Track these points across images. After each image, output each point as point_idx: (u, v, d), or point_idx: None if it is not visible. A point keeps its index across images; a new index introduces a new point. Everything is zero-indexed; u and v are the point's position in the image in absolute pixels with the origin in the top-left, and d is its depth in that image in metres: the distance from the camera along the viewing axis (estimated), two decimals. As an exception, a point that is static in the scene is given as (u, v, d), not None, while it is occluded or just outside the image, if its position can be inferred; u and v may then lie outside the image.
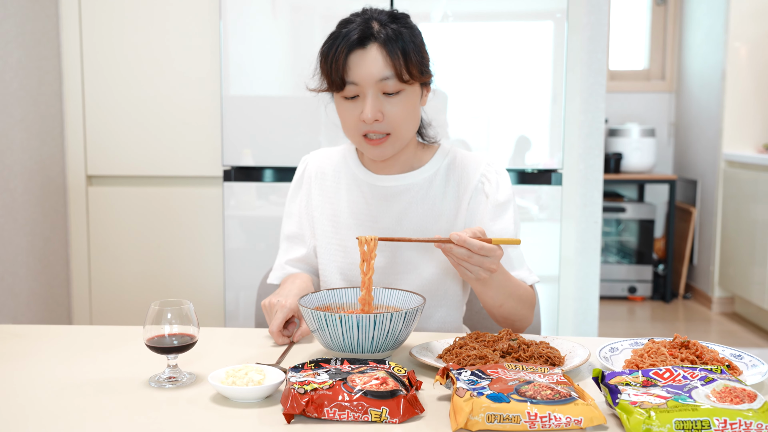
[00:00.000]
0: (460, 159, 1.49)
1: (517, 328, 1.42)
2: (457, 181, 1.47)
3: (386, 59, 1.31)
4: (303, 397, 0.95)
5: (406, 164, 1.47)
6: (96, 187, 2.76)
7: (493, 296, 1.33)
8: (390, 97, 1.34)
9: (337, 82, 1.33)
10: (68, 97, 2.71)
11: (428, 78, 1.39)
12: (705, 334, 4.06)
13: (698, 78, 4.88)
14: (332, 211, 1.51)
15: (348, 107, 1.36)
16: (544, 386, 0.95)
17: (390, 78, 1.32)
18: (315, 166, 1.55)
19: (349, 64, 1.32)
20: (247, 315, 2.60)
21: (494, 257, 1.21)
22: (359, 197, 1.49)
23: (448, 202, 1.46)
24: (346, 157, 1.53)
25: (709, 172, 4.68)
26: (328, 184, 1.52)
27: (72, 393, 1.08)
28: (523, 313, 1.40)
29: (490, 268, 1.22)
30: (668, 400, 0.90)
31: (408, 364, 1.21)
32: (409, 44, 1.33)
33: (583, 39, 2.66)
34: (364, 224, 1.47)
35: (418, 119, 1.41)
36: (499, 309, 1.36)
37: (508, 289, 1.35)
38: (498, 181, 1.46)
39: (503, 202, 1.45)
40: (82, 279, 2.78)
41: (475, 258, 1.20)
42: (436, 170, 1.47)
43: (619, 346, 1.23)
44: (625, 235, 5.14)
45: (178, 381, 1.12)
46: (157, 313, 1.12)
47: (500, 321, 1.41)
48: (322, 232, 1.51)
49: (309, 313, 1.17)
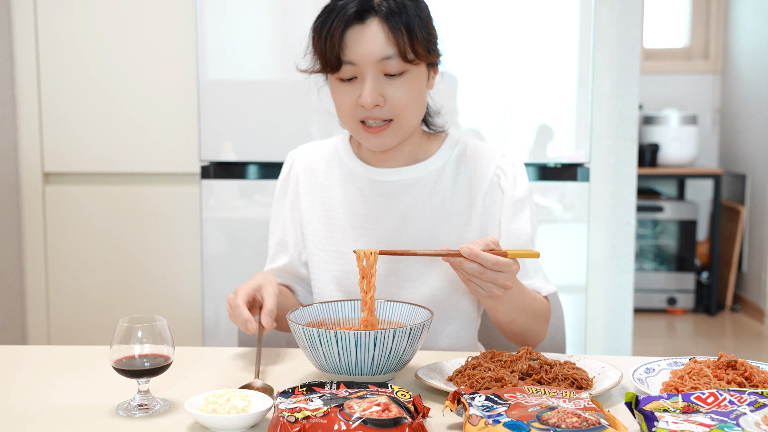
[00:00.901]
0: (471, 149, 1.50)
1: (528, 344, 1.43)
2: (469, 175, 1.47)
3: (388, 36, 1.32)
4: (293, 426, 0.96)
5: (410, 156, 1.48)
6: (54, 185, 2.77)
7: (504, 312, 1.34)
8: (392, 79, 1.34)
9: (333, 62, 1.33)
10: (21, 83, 2.72)
11: (436, 57, 1.40)
12: (756, 352, 4.06)
13: (747, 57, 4.88)
14: (325, 213, 1.51)
15: (344, 90, 1.36)
16: (569, 413, 0.96)
17: (392, 57, 1.32)
18: (303, 162, 1.55)
19: (346, 41, 1.32)
20: (229, 332, 2.60)
21: (509, 273, 1.22)
22: (356, 195, 1.49)
23: (460, 199, 1.46)
24: (338, 150, 1.54)
25: (760, 165, 4.68)
26: (319, 181, 1.53)
27: (27, 424, 1.09)
28: (537, 329, 1.41)
29: (504, 284, 1.23)
30: (712, 429, 0.91)
31: (413, 388, 1.22)
32: (414, 18, 1.33)
33: (613, 13, 2.66)
34: (362, 226, 1.48)
35: (424, 104, 1.42)
36: (510, 325, 1.38)
37: (522, 303, 1.36)
38: (515, 174, 1.47)
39: (521, 199, 1.45)
40: (38, 291, 2.79)
41: (489, 274, 1.21)
42: (444, 162, 1.48)
43: (656, 367, 1.24)
44: (663, 239, 5.14)
45: (150, 409, 1.12)
46: (125, 331, 1.13)
47: (509, 337, 1.42)
48: (314, 238, 1.51)
49: (300, 330, 1.18)
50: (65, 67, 2.70)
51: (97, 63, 2.69)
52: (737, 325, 4.60)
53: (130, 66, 2.68)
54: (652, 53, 5.33)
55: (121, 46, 2.68)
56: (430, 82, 1.43)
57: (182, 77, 2.66)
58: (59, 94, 2.71)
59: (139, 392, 1.14)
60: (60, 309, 2.78)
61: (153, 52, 2.67)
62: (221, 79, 2.57)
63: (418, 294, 1.47)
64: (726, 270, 4.93)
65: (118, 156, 2.71)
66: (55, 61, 2.70)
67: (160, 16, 2.66)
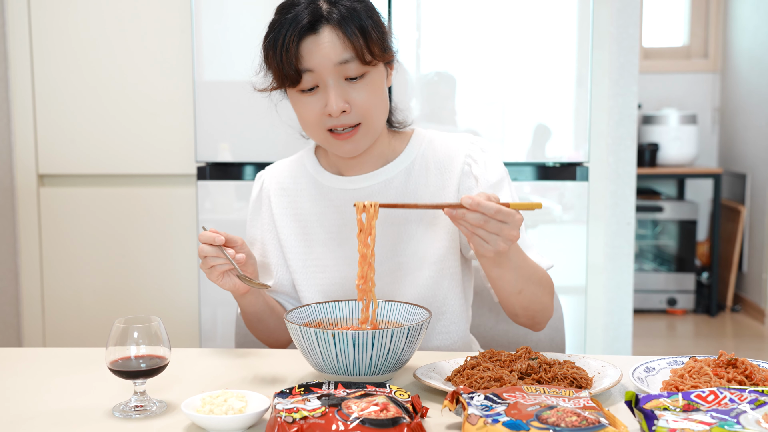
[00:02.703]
0: (439, 142, 1.51)
1: (538, 321, 1.43)
2: (440, 169, 1.48)
3: (344, 41, 1.33)
4: (291, 427, 0.96)
5: (380, 158, 1.49)
6: (49, 187, 2.77)
7: (511, 281, 1.33)
8: (354, 83, 1.36)
9: (291, 75, 1.34)
10: (15, 84, 2.72)
11: (392, 56, 1.42)
12: (757, 352, 4.06)
13: (747, 56, 4.89)
14: (301, 229, 1.52)
15: (307, 102, 1.37)
16: (569, 412, 0.96)
17: (351, 60, 1.34)
18: (273, 182, 1.56)
19: (302, 53, 1.33)
20: (226, 335, 2.60)
21: (513, 223, 1.20)
22: (328, 207, 1.50)
23: (432, 195, 1.47)
24: (305, 165, 1.55)
25: (760, 164, 4.69)
26: (291, 198, 1.53)
27: (23, 426, 1.09)
28: (544, 300, 1.41)
29: (509, 235, 1.21)
30: (713, 427, 0.91)
31: (412, 388, 1.22)
32: (366, 21, 1.35)
33: (612, 11, 2.67)
34: (339, 236, 1.49)
35: (387, 103, 1.43)
36: (519, 297, 1.36)
37: (527, 271, 1.35)
38: (485, 160, 1.47)
39: (496, 182, 1.46)
40: (34, 293, 2.78)
41: (492, 224, 1.19)
42: (413, 159, 1.49)
43: (656, 366, 1.24)
44: (662, 239, 5.15)
45: (146, 410, 1.12)
46: (121, 332, 1.13)
47: (520, 314, 1.41)
48: (294, 255, 1.52)
49: (297, 330, 1.18)
50: (60, 68, 2.70)
51: (92, 64, 2.69)
52: (738, 326, 4.61)
53: (126, 67, 2.68)
54: (651, 52, 5.33)
55: (116, 46, 2.68)
56: (389, 80, 1.45)
57: (178, 78, 2.66)
58: (54, 95, 2.71)
59: (135, 393, 1.14)
60: (55, 311, 2.78)
61: (148, 52, 2.67)
62: (217, 80, 2.57)
63: (406, 294, 1.47)
64: (726, 270, 4.94)
65: (114, 157, 2.71)
66: (50, 62, 2.70)
67: (155, 17, 2.66)
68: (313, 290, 1.51)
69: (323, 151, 1.54)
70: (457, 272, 1.48)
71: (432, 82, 2.53)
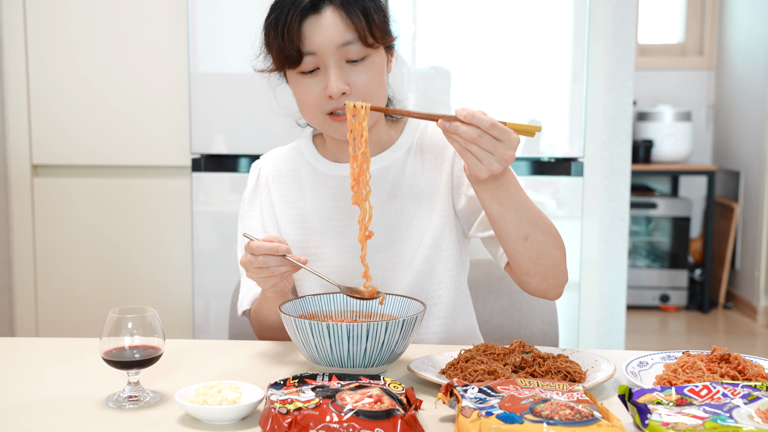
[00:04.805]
0: (432, 128, 1.52)
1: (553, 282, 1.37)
2: (434, 153, 1.49)
3: (346, 22, 1.33)
4: (285, 418, 0.96)
5: (378, 144, 1.49)
6: (42, 178, 2.76)
7: (514, 223, 1.28)
8: (355, 65, 1.35)
9: (292, 56, 1.33)
10: (9, 74, 2.71)
11: (392, 40, 1.42)
12: (749, 348, 4.08)
13: (741, 53, 4.90)
14: (299, 217, 1.51)
15: (307, 84, 1.37)
16: (562, 405, 0.96)
17: (353, 42, 1.33)
18: (270, 169, 1.55)
19: (304, 33, 1.33)
20: (220, 327, 2.60)
21: (509, 141, 1.17)
22: (326, 195, 1.50)
23: (428, 179, 1.48)
24: (303, 153, 1.54)
25: (753, 161, 4.70)
26: (289, 186, 1.53)
27: (16, 416, 1.09)
28: (556, 254, 1.35)
29: (504, 155, 1.18)
30: (705, 421, 0.91)
31: (406, 380, 1.22)
32: (368, 3, 1.35)
33: (608, 7, 2.67)
34: (337, 225, 1.49)
35: (386, 89, 1.43)
36: (526, 245, 1.31)
37: (530, 213, 1.30)
38: None
39: None
40: (27, 284, 2.78)
41: (486, 140, 1.16)
42: (409, 145, 1.50)
43: (649, 360, 1.24)
44: (656, 235, 5.16)
45: (140, 400, 1.12)
46: (115, 322, 1.12)
47: (531, 270, 1.35)
48: (292, 243, 1.51)
49: (292, 322, 1.18)
50: (54, 58, 2.69)
51: (86, 54, 2.68)
52: (730, 323, 4.63)
53: (121, 58, 2.67)
54: (646, 49, 5.34)
55: (112, 37, 2.67)
56: (389, 66, 1.44)
57: (173, 69, 2.66)
58: (48, 85, 2.70)
59: (129, 384, 1.14)
60: (48, 302, 2.77)
61: (144, 43, 2.66)
62: (212, 71, 2.56)
63: (396, 287, 1.47)
64: (719, 267, 4.96)
65: (108, 148, 2.70)
66: (44, 52, 2.69)
67: (151, 8, 2.65)
68: (310, 278, 1.51)
69: (321, 138, 1.54)
70: (452, 254, 1.48)
71: (428, 76, 2.53)
